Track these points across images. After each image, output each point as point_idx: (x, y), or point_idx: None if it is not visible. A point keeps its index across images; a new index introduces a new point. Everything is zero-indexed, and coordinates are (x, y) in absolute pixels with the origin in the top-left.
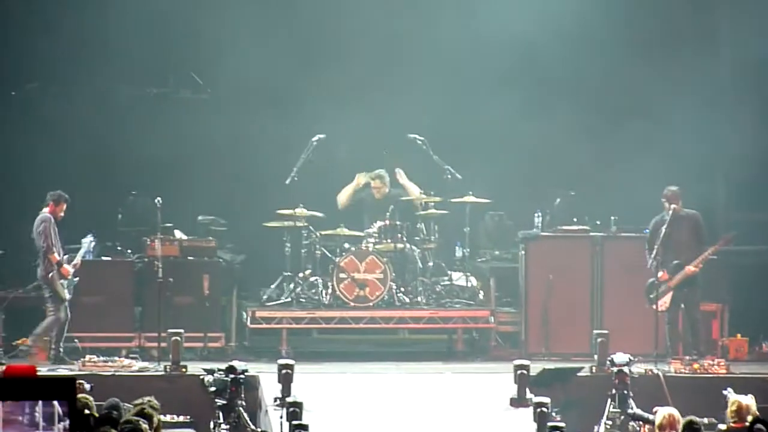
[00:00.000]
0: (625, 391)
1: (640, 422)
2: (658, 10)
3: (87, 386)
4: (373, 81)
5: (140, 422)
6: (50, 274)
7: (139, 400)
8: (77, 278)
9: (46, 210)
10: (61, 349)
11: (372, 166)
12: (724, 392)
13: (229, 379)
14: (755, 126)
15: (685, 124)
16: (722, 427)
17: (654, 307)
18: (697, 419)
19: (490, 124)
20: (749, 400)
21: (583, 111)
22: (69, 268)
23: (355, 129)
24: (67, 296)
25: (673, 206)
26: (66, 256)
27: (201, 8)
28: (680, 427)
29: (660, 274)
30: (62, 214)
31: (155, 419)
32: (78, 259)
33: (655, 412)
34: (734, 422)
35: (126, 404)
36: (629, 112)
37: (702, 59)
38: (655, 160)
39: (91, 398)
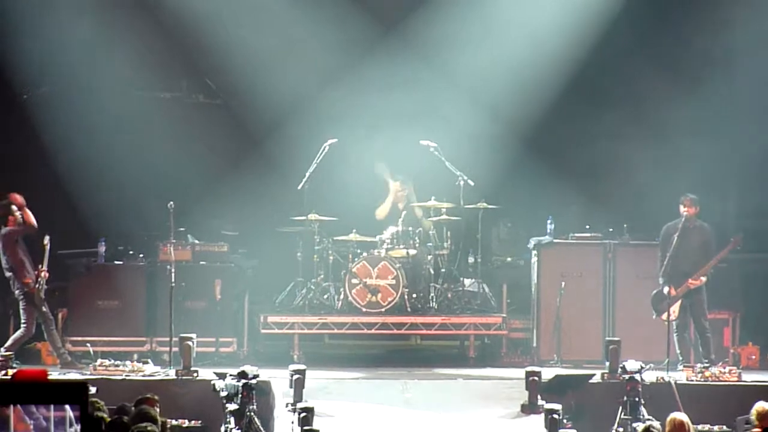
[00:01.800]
0: (637, 399)
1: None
2: (675, 25)
3: (92, 389)
4: (388, 87)
5: (152, 427)
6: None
7: (140, 397)
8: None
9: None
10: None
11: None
12: None
13: (241, 384)
14: (762, 132)
15: (697, 132)
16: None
17: (662, 317)
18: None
19: (504, 130)
20: None
21: (597, 118)
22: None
23: (367, 135)
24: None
25: (687, 212)
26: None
27: (216, 13)
28: None
29: (667, 289)
30: (19, 220)
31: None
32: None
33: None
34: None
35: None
36: (641, 119)
37: (715, 68)
38: (666, 168)
39: (102, 402)
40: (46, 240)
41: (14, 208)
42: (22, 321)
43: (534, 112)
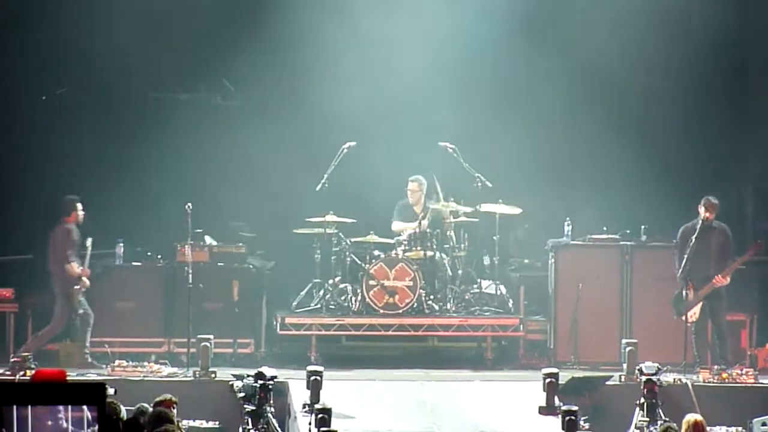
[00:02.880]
0: (654, 400)
1: None
2: (686, 25)
3: (111, 390)
4: (405, 88)
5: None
6: (72, 287)
7: (159, 398)
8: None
9: (66, 218)
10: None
11: (403, 175)
12: None
13: (258, 385)
14: None
15: (713, 133)
16: None
17: (683, 318)
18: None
19: (522, 132)
20: None
21: (614, 119)
22: (86, 280)
23: (387, 137)
24: (79, 309)
25: (706, 215)
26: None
27: (235, 15)
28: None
29: (686, 291)
30: (81, 217)
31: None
32: (86, 267)
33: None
34: None
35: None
36: (658, 120)
37: (729, 67)
38: (684, 170)
39: (120, 404)
40: (89, 242)
41: (80, 205)
42: (53, 317)
43: (554, 113)
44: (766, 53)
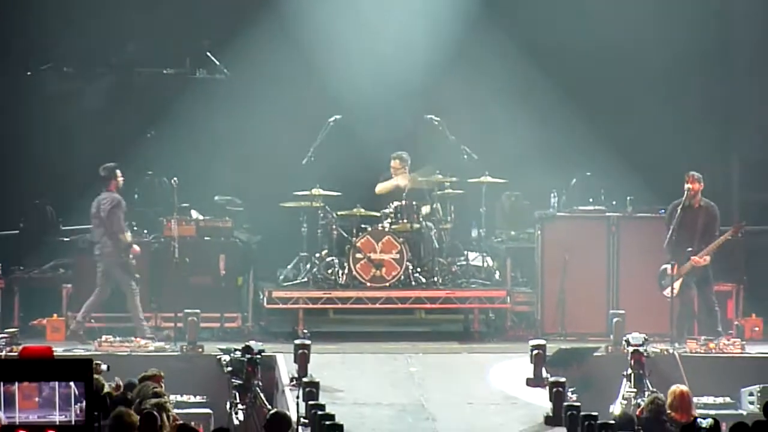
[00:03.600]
0: (641, 371)
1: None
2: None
3: (103, 367)
4: (390, 61)
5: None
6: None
7: (143, 374)
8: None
9: (109, 187)
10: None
11: (389, 148)
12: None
13: (246, 359)
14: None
15: (699, 106)
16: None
17: (664, 293)
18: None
19: (508, 104)
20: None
21: (599, 91)
22: (137, 247)
23: (371, 110)
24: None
25: (689, 186)
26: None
27: None
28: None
29: (670, 266)
30: (120, 185)
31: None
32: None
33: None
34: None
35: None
36: (643, 92)
37: (712, 38)
38: (670, 141)
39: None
40: None
41: (119, 171)
42: (98, 287)
43: (538, 85)
44: (748, 30)
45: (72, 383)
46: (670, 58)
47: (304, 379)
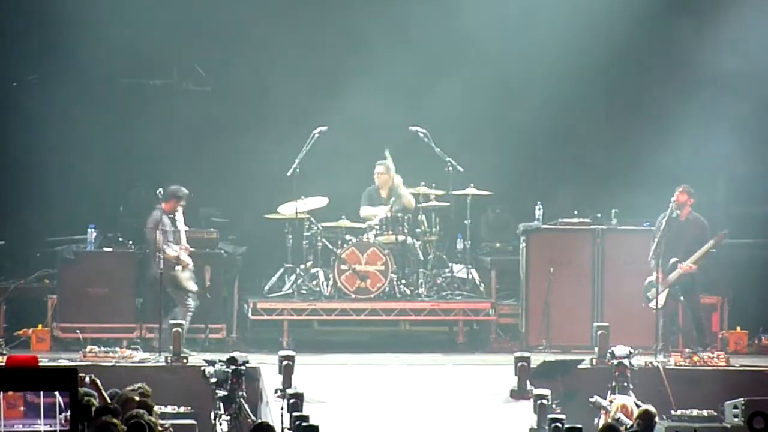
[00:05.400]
0: (625, 384)
1: (601, 410)
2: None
3: (88, 380)
4: (375, 72)
5: (143, 414)
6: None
7: (130, 387)
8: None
9: (161, 206)
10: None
11: (373, 158)
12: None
13: (230, 371)
14: (752, 121)
15: (684, 121)
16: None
17: (650, 305)
18: (653, 410)
19: (493, 117)
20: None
21: (585, 105)
22: (187, 260)
23: (357, 121)
24: (194, 287)
25: (674, 198)
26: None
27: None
28: (635, 416)
29: (654, 276)
30: (180, 207)
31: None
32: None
33: (612, 401)
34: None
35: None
36: (629, 107)
37: (699, 58)
38: (656, 155)
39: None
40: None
41: (183, 201)
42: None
43: (524, 98)
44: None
45: (57, 393)
46: (657, 75)
47: (289, 391)
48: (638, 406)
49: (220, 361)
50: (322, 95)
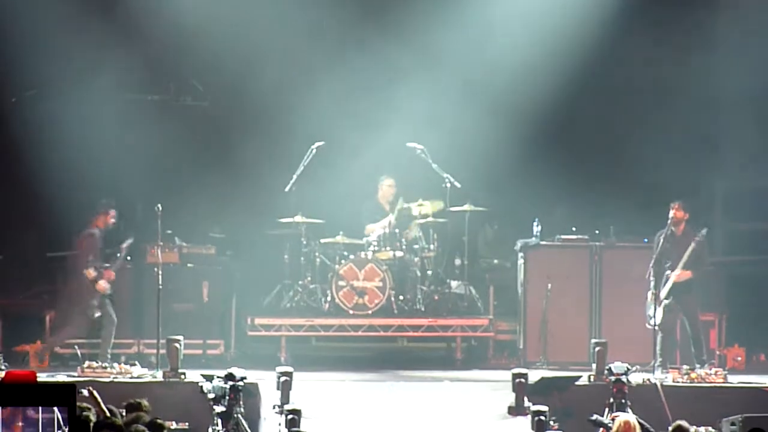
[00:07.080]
0: (623, 401)
1: (601, 428)
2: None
3: (86, 392)
4: (373, 89)
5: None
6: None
7: (130, 401)
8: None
9: (94, 222)
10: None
11: (371, 173)
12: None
13: (228, 386)
14: (747, 137)
15: (683, 137)
16: None
17: (651, 325)
18: (685, 424)
19: (490, 132)
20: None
21: (585, 122)
22: (104, 284)
23: (354, 137)
24: (96, 314)
25: (671, 214)
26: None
27: (202, 15)
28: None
29: (652, 292)
30: (111, 221)
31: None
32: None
33: (613, 418)
34: None
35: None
36: (630, 124)
37: (694, 69)
38: (655, 172)
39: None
40: (125, 244)
41: (112, 211)
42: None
43: (523, 114)
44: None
45: (55, 408)
46: (651, 90)
47: (287, 407)
48: (641, 425)
49: (218, 376)
50: (318, 111)
